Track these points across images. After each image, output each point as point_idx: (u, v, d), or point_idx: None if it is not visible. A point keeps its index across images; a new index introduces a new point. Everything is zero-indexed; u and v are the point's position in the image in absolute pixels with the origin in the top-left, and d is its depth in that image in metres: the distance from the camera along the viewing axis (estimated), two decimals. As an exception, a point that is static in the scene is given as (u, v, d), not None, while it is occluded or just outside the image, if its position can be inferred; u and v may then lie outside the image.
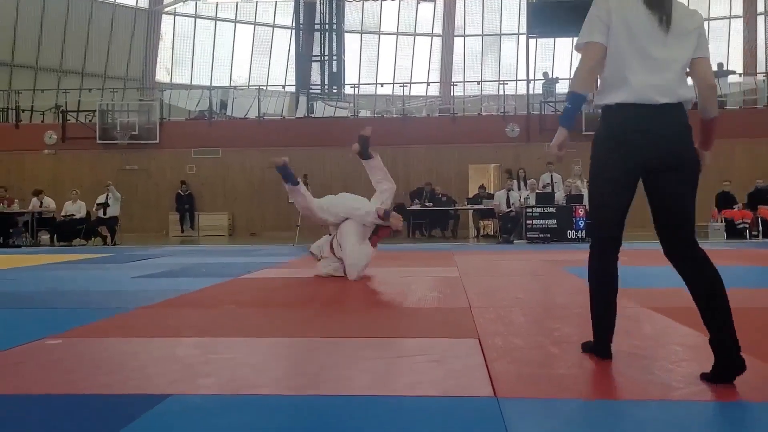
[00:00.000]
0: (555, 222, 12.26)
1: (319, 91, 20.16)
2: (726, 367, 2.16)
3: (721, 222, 12.94)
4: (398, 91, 22.15)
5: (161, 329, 3.42)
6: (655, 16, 2.35)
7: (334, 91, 20.46)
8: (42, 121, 18.64)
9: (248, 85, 23.05)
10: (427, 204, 15.03)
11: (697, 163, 2.46)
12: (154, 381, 2.38)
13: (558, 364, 2.46)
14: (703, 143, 2.59)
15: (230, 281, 5.81)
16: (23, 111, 18.60)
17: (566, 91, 2.78)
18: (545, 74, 19.48)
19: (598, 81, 2.51)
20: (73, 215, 13.46)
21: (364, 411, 1.96)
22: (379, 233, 5.91)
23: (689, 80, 2.54)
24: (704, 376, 2.21)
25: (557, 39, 24.30)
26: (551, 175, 14.46)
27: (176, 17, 25.08)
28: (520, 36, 24.85)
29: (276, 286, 5.57)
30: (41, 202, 13.55)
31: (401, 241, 13.20)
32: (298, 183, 6.10)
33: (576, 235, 12.13)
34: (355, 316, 3.87)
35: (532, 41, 20.46)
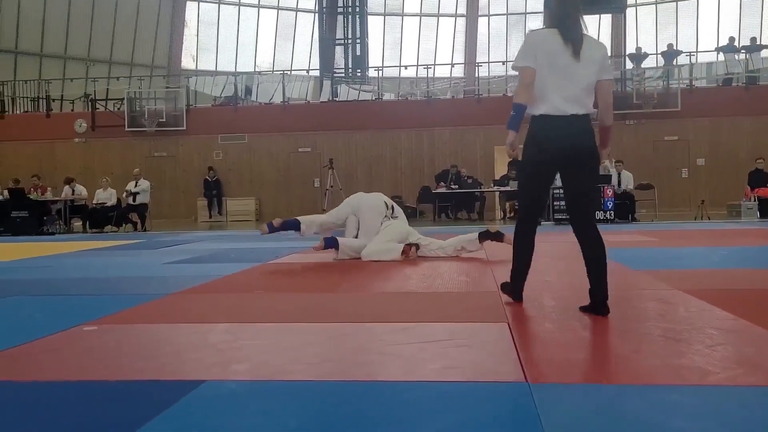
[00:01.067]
0: (583, 203, 12.11)
1: (343, 75, 20.10)
2: (596, 308, 3.10)
3: (754, 200, 12.66)
4: (422, 73, 21.99)
5: (193, 315, 3.47)
6: (569, 48, 3.11)
7: (358, 74, 20.38)
8: (72, 110, 18.95)
9: (272, 70, 23.09)
10: (453, 186, 14.96)
11: (597, 159, 3.22)
12: (188, 367, 2.42)
13: (590, 348, 2.45)
14: (601, 144, 3.36)
15: (259, 266, 5.86)
16: (53, 100, 18.92)
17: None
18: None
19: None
20: (104, 203, 13.69)
21: (394, 397, 1.97)
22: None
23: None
24: (582, 309, 3.17)
25: (584, 16, 23.80)
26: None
27: (200, 3, 25.17)
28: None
29: (304, 270, 5.61)
30: (73, 190, 13.80)
31: (427, 224, 13.16)
32: (299, 222, 6.24)
33: (604, 215, 11.97)
34: (384, 300, 3.87)
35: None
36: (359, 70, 20.35)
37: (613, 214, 12.00)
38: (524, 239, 3.34)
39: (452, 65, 25.23)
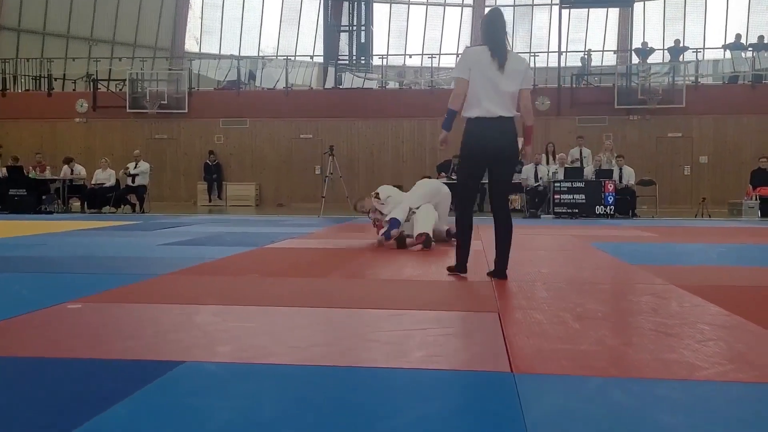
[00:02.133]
0: (583, 197, 12.06)
1: (347, 62, 19.96)
2: (498, 274, 3.92)
3: (756, 199, 12.59)
4: (427, 62, 21.86)
5: (182, 296, 3.44)
6: (495, 63, 3.82)
7: (362, 61, 20.24)
8: (74, 90, 18.86)
9: (276, 56, 22.95)
10: (453, 177, 14.88)
11: (516, 155, 3.99)
12: (170, 347, 2.38)
13: (579, 340, 2.40)
14: (525, 141, 4.09)
15: (254, 250, 5.83)
16: (55, 79, 18.83)
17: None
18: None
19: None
20: (103, 183, 13.65)
21: (378, 383, 1.94)
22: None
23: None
24: (489, 274, 3.99)
25: (591, 9, 23.67)
26: (581, 150, 14.19)
27: (205, -14, 24.99)
28: (553, 6, 24.29)
29: (300, 256, 5.58)
30: (72, 170, 13.75)
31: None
32: (398, 221, 5.95)
33: (605, 210, 11.92)
34: (376, 287, 3.84)
35: (564, 12, 19.95)
36: (363, 58, 20.18)
37: (613, 209, 11.94)
38: (464, 222, 4.05)
39: (457, 55, 25.03)
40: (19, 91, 19.07)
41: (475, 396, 1.82)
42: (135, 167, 13.59)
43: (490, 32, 3.89)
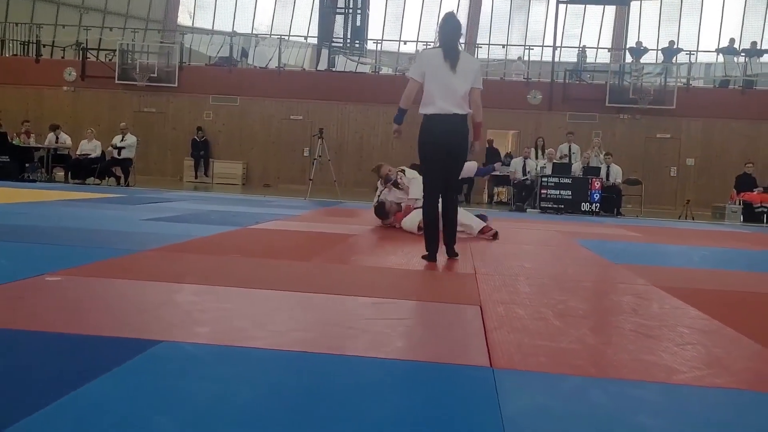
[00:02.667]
0: (570, 193, 12.11)
1: (341, 45, 19.81)
2: (448, 255, 4.32)
3: (740, 204, 12.72)
4: (421, 49, 21.71)
5: (163, 274, 3.40)
6: (448, 63, 4.14)
7: (357, 45, 20.09)
8: (62, 58, 18.55)
9: (270, 34, 22.71)
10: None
11: (467, 149, 4.32)
12: (148, 326, 2.35)
13: (560, 337, 2.41)
14: (474, 136, 4.42)
15: (238, 230, 5.79)
16: (44, 46, 18.51)
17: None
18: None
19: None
20: (88, 154, 13.47)
21: (354, 372, 1.92)
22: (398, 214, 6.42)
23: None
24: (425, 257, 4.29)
25: (587, 6, 23.65)
26: (570, 146, 14.24)
27: (201, -40, 24.63)
28: (550, 0, 24.22)
29: (284, 238, 5.55)
30: (57, 138, 13.54)
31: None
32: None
33: (590, 207, 11.98)
34: (360, 274, 3.82)
35: (561, 7, 19.92)
36: (358, 42, 20.05)
37: (598, 207, 12.01)
38: (431, 212, 4.33)
39: (452, 44, 24.92)
40: (7, 55, 18.74)
41: (453, 389, 1.82)
42: (122, 140, 13.42)
43: (444, 36, 4.25)
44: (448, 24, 4.29)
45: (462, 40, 4.35)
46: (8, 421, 1.41)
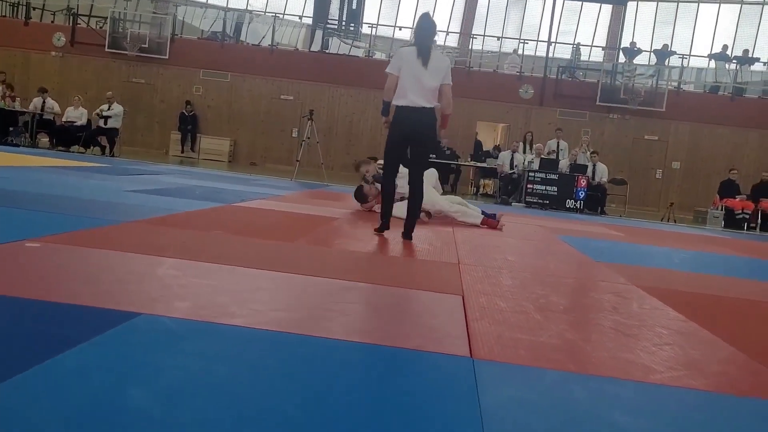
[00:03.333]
0: (555, 189, 12.17)
1: (336, 27, 19.65)
2: (406, 236, 4.71)
3: (721, 210, 12.86)
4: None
5: (145, 246, 3.36)
6: (420, 60, 4.58)
7: (351, 28, 19.95)
8: (52, 22, 18.23)
9: (264, 12, 22.46)
10: (431, 156, 14.86)
11: (434, 138, 4.91)
12: (127, 297, 2.32)
13: (540, 331, 2.41)
14: (441, 126, 4.89)
15: (223, 207, 5.74)
16: (33, 9, 18.16)
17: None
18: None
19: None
20: (74, 122, 13.29)
21: (331, 356, 1.92)
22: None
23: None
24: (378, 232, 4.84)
25: (584, 3, 23.66)
26: (558, 142, 14.29)
27: (198, -70, 24.23)
28: (548, -5, 24.17)
29: (268, 217, 5.51)
30: (44, 102, 13.32)
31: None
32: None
33: (575, 204, 12.05)
34: (343, 258, 3.81)
35: (558, 3, 19.91)
36: (353, 25, 19.91)
37: (583, 204, 12.08)
38: (388, 189, 4.88)
39: (447, 33, 24.85)
40: (-6, 16, 18.38)
41: (432, 377, 1.82)
42: (108, 109, 13.25)
43: (419, 35, 4.70)
44: (423, 25, 4.74)
45: (435, 38, 4.80)
46: (-20, 386, 1.39)
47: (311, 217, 5.78)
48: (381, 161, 6.53)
